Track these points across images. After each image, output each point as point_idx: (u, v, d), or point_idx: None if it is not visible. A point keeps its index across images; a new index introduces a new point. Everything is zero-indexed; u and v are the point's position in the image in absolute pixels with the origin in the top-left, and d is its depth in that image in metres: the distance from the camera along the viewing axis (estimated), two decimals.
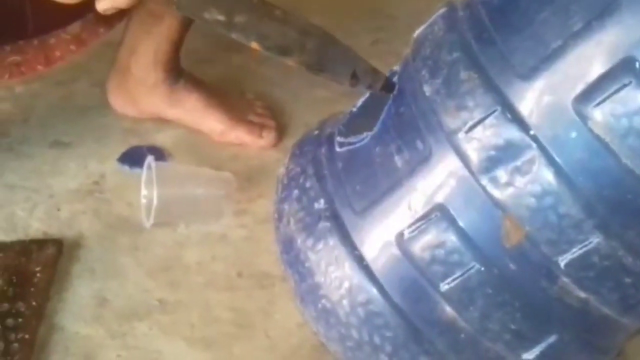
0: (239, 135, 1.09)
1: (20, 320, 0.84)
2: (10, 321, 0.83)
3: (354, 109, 0.69)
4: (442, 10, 0.62)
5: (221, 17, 0.62)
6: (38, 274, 0.89)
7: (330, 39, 0.66)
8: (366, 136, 0.63)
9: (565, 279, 0.56)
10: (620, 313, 0.58)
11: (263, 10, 0.64)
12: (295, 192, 0.65)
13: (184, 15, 0.64)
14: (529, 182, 0.54)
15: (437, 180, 0.58)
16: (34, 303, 0.86)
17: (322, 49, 0.65)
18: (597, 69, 0.51)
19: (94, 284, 0.91)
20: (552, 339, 0.59)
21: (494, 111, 0.54)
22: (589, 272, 0.55)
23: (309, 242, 0.63)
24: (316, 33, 0.65)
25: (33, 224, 0.98)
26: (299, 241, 0.64)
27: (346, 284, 0.61)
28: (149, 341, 0.85)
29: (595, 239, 0.54)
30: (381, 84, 0.64)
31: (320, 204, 0.63)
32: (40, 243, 0.93)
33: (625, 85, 0.50)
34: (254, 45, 0.64)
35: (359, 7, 1.38)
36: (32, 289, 0.87)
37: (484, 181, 0.55)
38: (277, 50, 0.64)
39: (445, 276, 0.58)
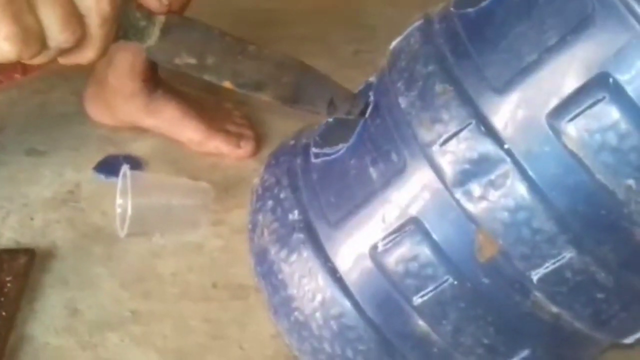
0: (217, 145, 1.09)
1: None
2: None
3: (330, 120, 0.69)
4: (418, 23, 0.62)
5: (192, 61, 0.61)
6: (9, 284, 0.88)
7: (306, 70, 0.65)
8: (342, 147, 0.63)
9: (538, 294, 0.56)
10: (593, 328, 0.58)
11: (236, 48, 0.62)
12: (270, 202, 0.65)
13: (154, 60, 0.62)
14: (503, 196, 0.53)
15: (412, 193, 0.57)
16: (3, 313, 0.85)
17: (298, 81, 0.64)
18: (571, 84, 0.51)
19: (66, 294, 0.90)
20: (524, 353, 0.59)
21: (468, 124, 0.54)
22: (561, 287, 0.55)
23: (283, 253, 0.62)
24: (292, 65, 0.64)
25: (5, 233, 0.97)
26: (272, 252, 0.63)
27: (319, 297, 0.61)
28: (121, 352, 0.84)
29: (568, 254, 0.54)
30: (360, 109, 0.64)
31: (295, 215, 0.63)
32: (12, 252, 0.92)
33: (599, 101, 0.50)
34: (227, 84, 0.63)
35: (340, 18, 1.39)
36: (2, 299, 0.86)
37: (458, 194, 0.55)
38: (251, 87, 0.63)
39: (418, 290, 0.57)
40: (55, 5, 0.53)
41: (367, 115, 0.63)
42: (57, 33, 0.54)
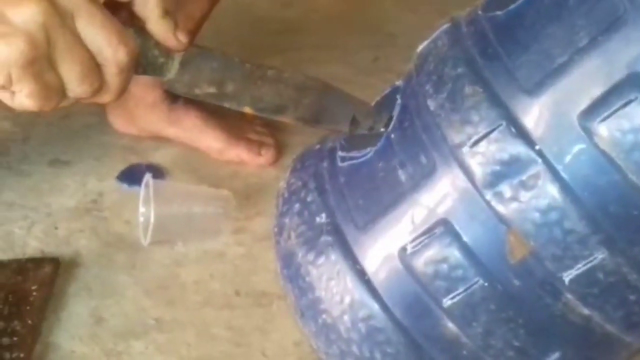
0: (238, 153, 1.10)
1: (15, 339, 0.83)
2: (5, 340, 0.83)
3: None
4: (445, 26, 0.62)
5: (212, 90, 0.62)
6: (34, 293, 0.88)
7: (327, 90, 0.65)
8: (369, 151, 0.63)
9: (569, 296, 0.55)
10: (624, 331, 0.57)
11: (255, 74, 0.62)
12: (297, 206, 0.65)
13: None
14: (534, 197, 0.53)
15: (441, 194, 0.57)
16: (29, 322, 0.85)
17: (318, 102, 0.64)
18: (602, 85, 0.51)
19: (90, 303, 0.90)
20: (555, 356, 0.58)
21: (498, 126, 0.54)
22: (593, 288, 0.55)
23: (310, 256, 0.62)
24: (312, 86, 0.64)
25: (30, 242, 0.97)
26: (299, 255, 0.63)
27: (347, 299, 0.61)
28: None
29: (600, 255, 0.53)
30: (383, 124, 0.64)
31: (322, 218, 0.63)
32: (37, 261, 0.93)
33: (631, 101, 0.50)
34: (247, 109, 0.63)
35: (359, 25, 1.39)
36: (28, 308, 0.87)
37: (488, 196, 0.55)
38: (271, 111, 0.63)
39: (448, 291, 0.57)
40: (74, 61, 0.54)
41: (390, 127, 0.63)
42: (75, 86, 0.55)
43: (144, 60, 0.59)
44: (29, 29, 0.53)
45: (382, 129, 0.63)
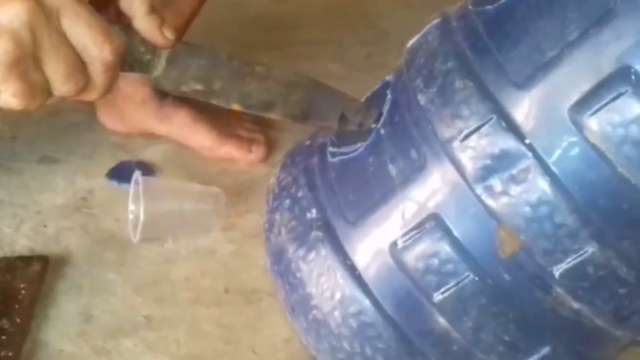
0: (228, 150, 1.10)
1: (4, 337, 0.83)
2: None
3: None
4: (436, 21, 0.62)
5: (199, 87, 0.61)
6: (23, 291, 0.88)
7: (316, 86, 0.65)
8: (360, 146, 0.63)
9: (559, 290, 0.56)
10: (614, 324, 0.58)
11: (243, 71, 0.62)
12: (287, 201, 0.65)
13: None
14: (524, 191, 0.53)
15: (431, 189, 0.57)
16: (18, 320, 0.85)
17: (307, 98, 0.64)
18: (593, 78, 0.51)
19: (79, 300, 0.90)
20: (545, 350, 0.59)
21: (489, 120, 0.54)
22: (583, 282, 0.55)
23: (301, 252, 0.62)
24: (301, 83, 0.64)
25: (19, 240, 0.97)
26: (290, 251, 0.63)
27: (338, 295, 0.61)
28: (135, 358, 0.84)
29: (590, 249, 0.53)
30: (373, 120, 0.64)
31: (312, 213, 0.63)
32: (26, 260, 0.92)
33: (621, 94, 0.50)
34: (235, 107, 0.63)
35: (351, 21, 1.39)
36: (17, 306, 0.86)
37: (479, 190, 0.55)
38: (260, 108, 0.63)
39: (438, 286, 0.57)
40: (59, 60, 0.54)
41: (380, 122, 0.63)
42: (60, 85, 0.55)
43: (130, 57, 0.59)
44: (15, 28, 0.53)
45: (372, 125, 0.63)
